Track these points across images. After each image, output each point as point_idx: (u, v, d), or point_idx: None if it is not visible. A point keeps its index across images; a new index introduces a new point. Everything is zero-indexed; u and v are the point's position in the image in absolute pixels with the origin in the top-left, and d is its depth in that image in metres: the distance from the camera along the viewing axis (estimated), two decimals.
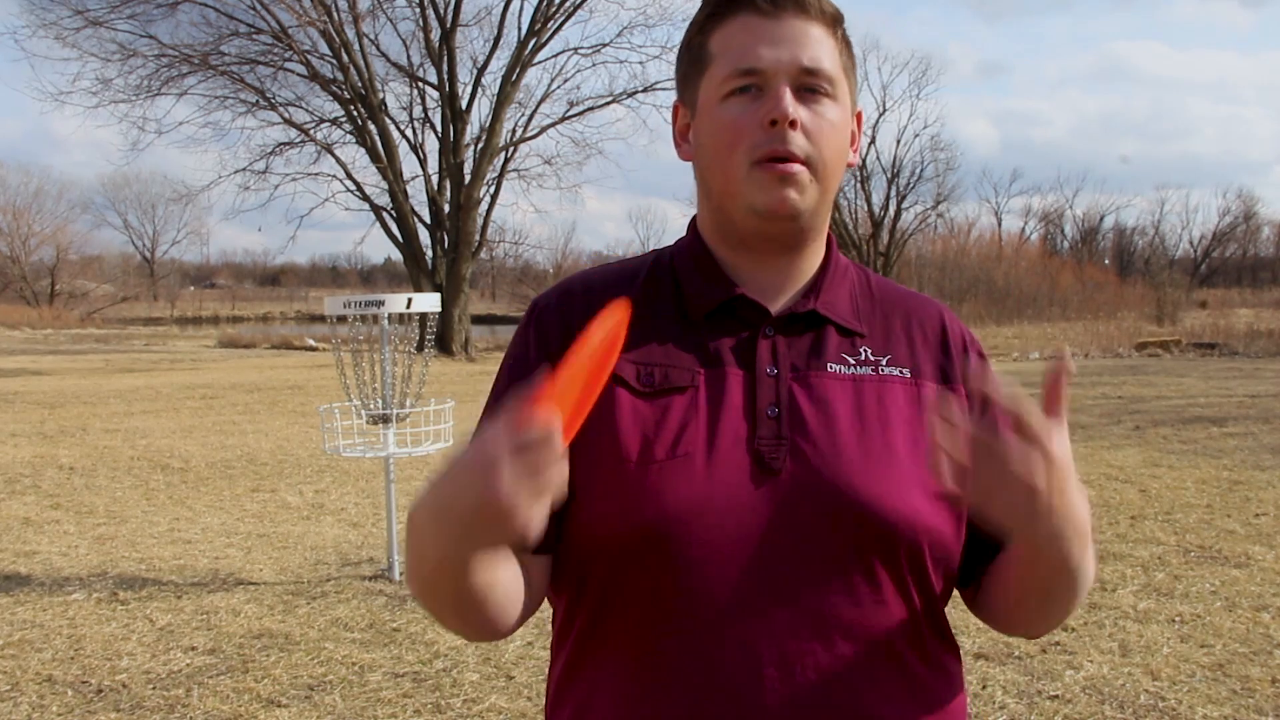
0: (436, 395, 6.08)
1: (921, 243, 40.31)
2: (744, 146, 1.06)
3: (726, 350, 1.10)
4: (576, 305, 1.14)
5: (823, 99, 1.08)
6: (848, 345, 1.13)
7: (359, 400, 5.36)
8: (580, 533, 1.08)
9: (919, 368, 1.13)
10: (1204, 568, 5.32)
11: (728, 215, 1.12)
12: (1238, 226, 64.73)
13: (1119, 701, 3.70)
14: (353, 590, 5.13)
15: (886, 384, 1.11)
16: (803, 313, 1.12)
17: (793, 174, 1.06)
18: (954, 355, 1.16)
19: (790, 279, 1.14)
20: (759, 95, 1.07)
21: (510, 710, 3.71)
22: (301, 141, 23.72)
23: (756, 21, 1.08)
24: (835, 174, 1.10)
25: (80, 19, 21.36)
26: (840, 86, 1.10)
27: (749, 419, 1.07)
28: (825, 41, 1.09)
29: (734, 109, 1.07)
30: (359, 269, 78.90)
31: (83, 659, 4.22)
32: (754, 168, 1.06)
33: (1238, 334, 22.53)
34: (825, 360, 1.11)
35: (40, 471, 8.39)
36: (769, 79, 1.06)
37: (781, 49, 1.06)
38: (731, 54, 1.08)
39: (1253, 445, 8.92)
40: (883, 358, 1.13)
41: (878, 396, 1.10)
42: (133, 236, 65.97)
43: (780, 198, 1.07)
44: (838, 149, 1.10)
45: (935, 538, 1.07)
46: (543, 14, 23.17)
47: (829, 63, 1.08)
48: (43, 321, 39.34)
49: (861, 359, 1.12)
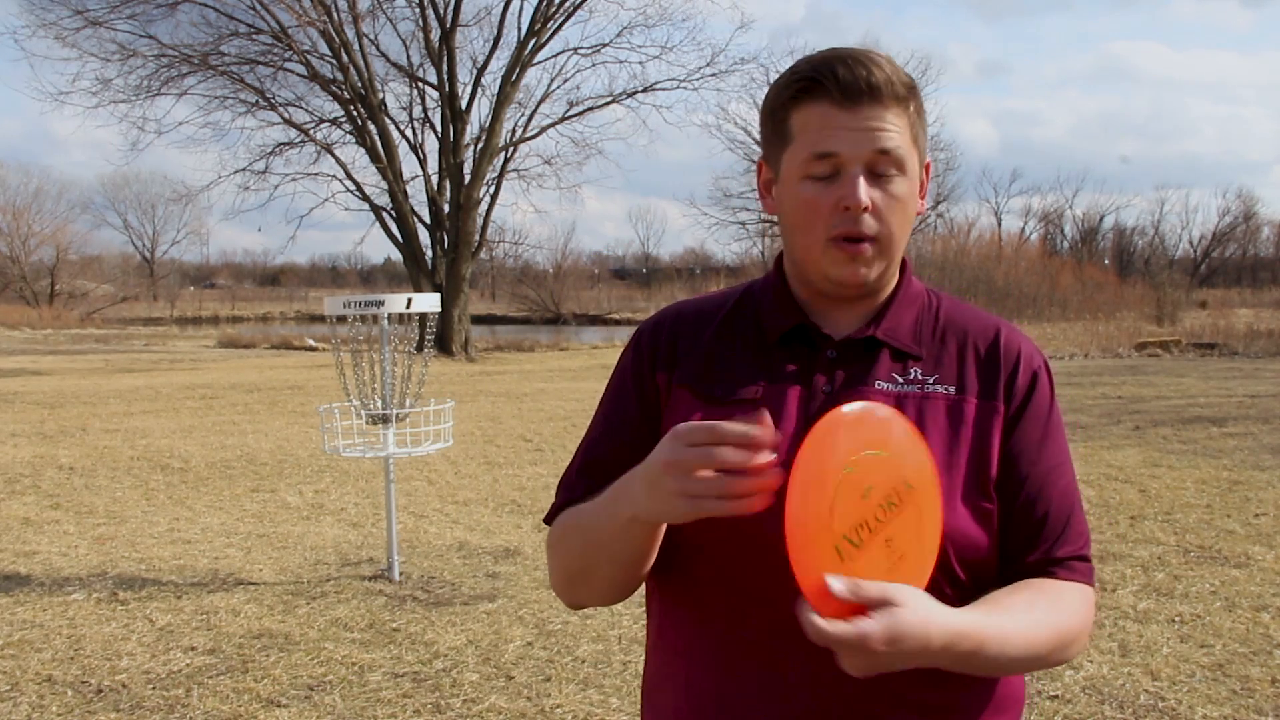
0: (436, 395, 6.08)
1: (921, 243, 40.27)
2: (822, 225, 1.21)
3: (789, 370, 1.25)
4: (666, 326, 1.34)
5: (894, 177, 1.21)
6: (899, 367, 1.26)
7: (359, 400, 5.36)
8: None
9: (965, 385, 1.25)
10: (1204, 568, 5.32)
11: (805, 273, 1.28)
12: (1237, 226, 64.68)
13: (1119, 701, 3.70)
14: (353, 590, 5.13)
15: (929, 400, 1.23)
16: (861, 338, 1.26)
17: (862, 252, 1.21)
18: (1001, 370, 1.27)
19: (860, 314, 1.29)
20: (834, 179, 1.20)
21: (510, 710, 3.71)
22: (301, 141, 23.72)
23: (834, 112, 1.19)
24: (902, 239, 1.24)
25: (80, 19, 21.35)
26: (909, 160, 1.22)
27: (800, 430, 1.17)
28: (897, 122, 1.20)
29: (813, 190, 1.21)
30: (359, 269, 78.91)
31: (82, 659, 4.22)
32: (830, 244, 1.21)
33: (1237, 334, 22.52)
34: (874, 378, 1.24)
35: (40, 471, 8.39)
36: (845, 164, 1.19)
37: (858, 136, 1.19)
38: (811, 138, 1.20)
39: (1253, 445, 8.92)
40: (930, 377, 1.25)
41: (918, 411, 1.21)
42: (132, 236, 66.02)
43: (851, 272, 1.22)
44: (905, 217, 1.23)
45: (960, 540, 1.17)
46: (542, 14, 23.17)
47: (899, 141, 1.20)
48: (43, 321, 39.32)
49: (910, 378, 1.25)
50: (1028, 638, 1.14)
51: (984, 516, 1.20)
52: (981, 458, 1.22)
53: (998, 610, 1.14)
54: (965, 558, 1.18)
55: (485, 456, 9.07)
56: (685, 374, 1.28)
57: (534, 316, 46.30)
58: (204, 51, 22.18)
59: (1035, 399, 1.26)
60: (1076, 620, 1.21)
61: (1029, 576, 1.21)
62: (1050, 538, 1.23)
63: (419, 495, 7.39)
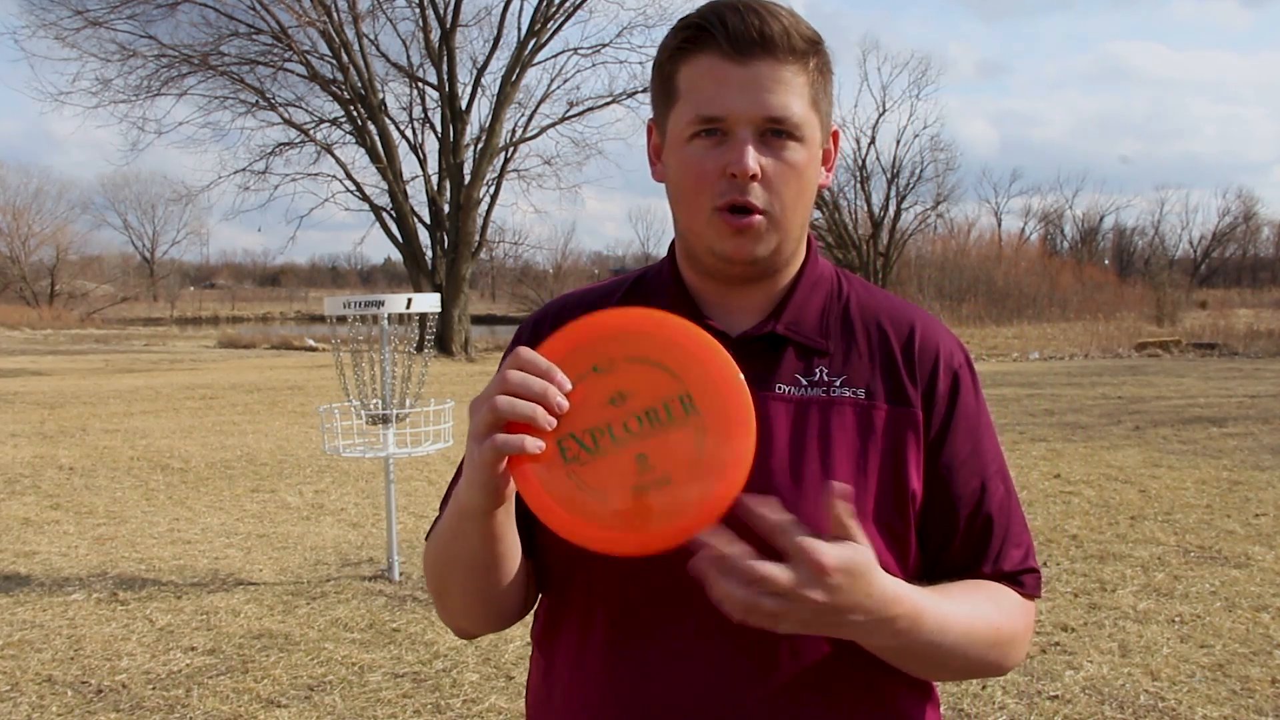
0: (436, 395, 6.08)
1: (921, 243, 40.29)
2: (707, 192, 1.08)
3: None
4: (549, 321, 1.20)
5: (788, 143, 1.08)
6: (802, 367, 1.13)
7: (359, 400, 5.36)
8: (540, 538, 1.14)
9: (874, 388, 1.12)
10: (1204, 568, 5.32)
11: (693, 248, 1.15)
12: (1237, 227, 64.69)
13: (1119, 702, 3.70)
14: (352, 590, 5.13)
15: (835, 406, 1.11)
16: (761, 335, 1.13)
17: (751, 225, 1.08)
18: (919, 373, 1.14)
19: (758, 302, 1.16)
20: (722, 141, 1.07)
21: (510, 710, 3.71)
22: (301, 142, 23.71)
23: (723, 65, 1.06)
24: (797, 213, 1.11)
25: (80, 19, 21.35)
26: (808, 125, 1.09)
27: None
28: (794, 81, 1.07)
29: (698, 152, 1.08)
30: (359, 269, 78.91)
31: (82, 659, 4.22)
32: (715, 215, 1.08)
33: (1237, 334, 22.53)
34: (774, 381, 1.11)
35: (40, 472, 8.39)
36: (732, 126, 1.07)
37: (747, 96, 1.06)
38: (697, 97, 1.07)
39: (1253, 445, 8.92)
40: (838, 378, 1.12)
41: (823, 419, 1.10)
42: (132, 237, 65.95)
43: (738, 245, 1.09)
44: (800, 190, 1.10)
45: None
46: (542, 14, 23.17)
47: (796, 106, 1.07)
48: (42, 322, 39.32)
49: (814, 380, 1.12)
50: (968, 625, 1.05)
51: (896, 539, 1.10)
52: (896, 472, 1.10)
53: (938, 591, 1.05)
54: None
55: None
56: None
57: None
58: (204, 51, 22.18)
59: (960, 405, 1.14)
60: (1018, 624, 1.12)
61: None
62: (992, 554, 1.14)
63: (419, 495, 7.39)
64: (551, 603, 1.19)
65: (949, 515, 1.13)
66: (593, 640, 1.12)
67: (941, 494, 1.13)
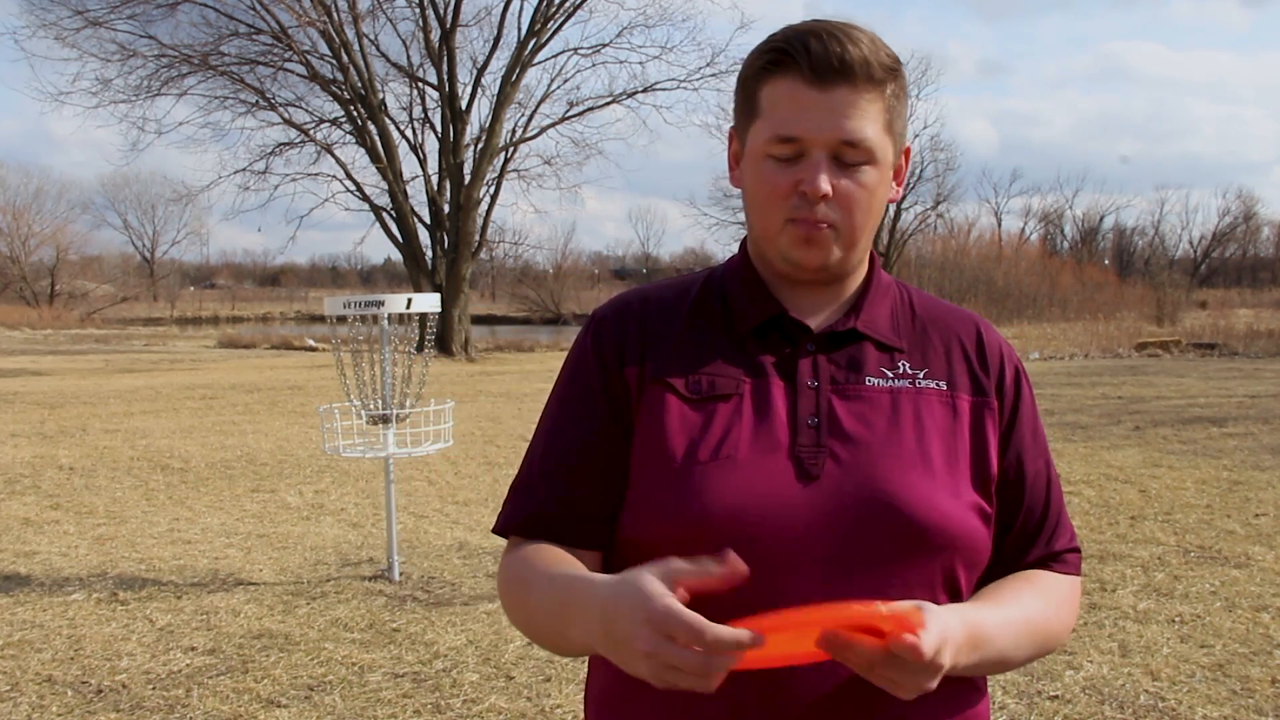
0: (436, 396, 6.08)
1: (921, 243, 40.30)
2: (780, 205, 1.14)
3: (770, 364, 1.18)
4: (633, 316, 1.23)
5: (862, 166, 1.13)
6: (886, 360, 1.20)
7: (359, 400, 5.36)
8: (627, 532, 1.15)
9: (955, 380, 1.20)
10: (1204, 568, 5.32)
11: (765, 253, 1.21)
12: (1237, 227, 64.67)
13: (1119, 702, 3.70)
14: (353, 590, 5.13)
15: (923, 396, 1.18)
16: (842, 330, 1.20)
17: (819, 235, 1.14)
18: (990, 368, 1.23)
19: (830, 301, 1.22)
20: (797, 160, 1.13)
21: (510, 710, 3.71)
22: (301, 142, 23.70)
23: (803, 90, 1.12)
24: (866, 228, 1.17)
25: (80, 19, 21.34)
26: (881, 149, 1.14)
27: (790, 427, 1.13)
28: (870, 109, 1.13)
29: (773, 169, 1.14)
30: (359, 269, 78.88)
31: (83, 659, 4.22)
32: (788, 225, 1.15)
33: (1237, 334, 22.53)
34: (864, 374, 1.18)
35: (40, 471, 8.39)
36: (808, 147, 1.12)
37: (823, 121, 1.11)
38: (776, 117, 1.13)
39: (1253, 445, 8.92)
40: (920, 371, 1.20)
41: (914, 407, 1.17)
42: (132, 237, 65.94)
43: (806, 254, 1.16)
44: (869, 208, 1.16)
45: (965, 542, 1.13)
46: (542, 14, 23.16)
47: (870, 131, 1.13)
48: (43, 322, 39.31)
49: (900, 372, 1.19)
50: (1023, 627, 1.14)
51: (986, 519, 1.17)
52: (981, 456, 1.18)
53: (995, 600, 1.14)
54: (970, 561, 1.15)
55: (485, 457, 9.08)
56: (659, 368, 1.18)
57: (534, 317, 46.30)
58: (204, 52, 22.17)
59: (1023, 397, 1.24)
60: (1064, 610, 1.21)
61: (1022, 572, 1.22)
62: (1047, 535, 1.23)
63: (419, 495, 7.39)
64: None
65: (1018, 497, 1.21)
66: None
67: (1015, 478, 1.21)
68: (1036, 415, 1.26)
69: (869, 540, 1.09)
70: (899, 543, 1.09)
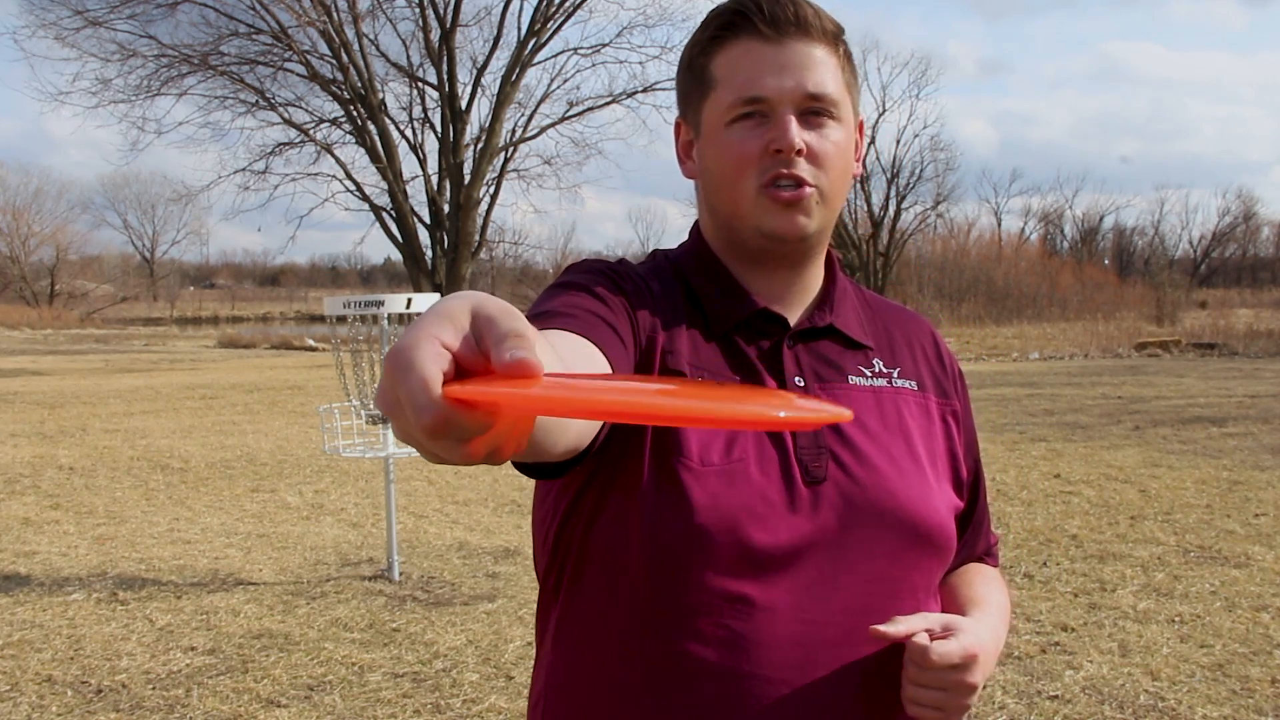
0: None
1: (921, 243, 40.29)
2: (752, 172, 1.08)
3: (755, 360, 1.13)
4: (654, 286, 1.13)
5: (827, 122, 1.09)
6: (862, 358, 1.17)
7: (359, 400, 5.36)
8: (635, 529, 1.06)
9: (923, 382, 1.20)
10: (1204, 568, 5.32)
11: (736, 234, 1.14)
12: (1237, 226, 64.66)
13: (1119, 702, 3.70)
14: (352, 590, 5.13)
15: (901, 396, 1.17)
16: (821, 326, 1.16)
17: (801, 197, 1.08)
18: (948, 370, 1.25)
19: (797, 290, 1.17)
20: (764, 121, 1.08)
21: (510, 710, 3.71)
22: (301, 141, 23.72)
23: (759, 46, 1.08)
24: (841, 193, 1.13)
25: (80, 19, 21.37)
26: (843, 106, 1.11)
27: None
28: (828, 62, 1.10)
29: (739, 134, 1.09)
30: (359, 269, 78.81)
31: (82, 659, 4.22)
32: (762, 193, 1.08)
33: (1237, 334, 22.51)
34: (846, 373, 1.15)
35: (40, 471, 8.39)
36: (774, 106, 1.08)
37: (786, 76, 1.08)
38: (735, 81, 1.09)
39: (1253, 445, 8.92)
40: (894, 370, 1.18)
41: (896, 407, 1.16)
42: (132, 236, 65.88)
43: (789, 221, 1.09)
44: (842, 169, 1.12)
45: (946, 545, 1.15)
46: (542, 14, 23.19)
47: (832, 85, 1.09)
48: (42, 321, 39.32)
49: (876, 371, 1.17)
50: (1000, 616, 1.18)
51: (957, 520, 1.19)
52: (953, 458, 1.20)
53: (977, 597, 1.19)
54: (946, 561, 1.17)
55: None
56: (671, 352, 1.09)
57: None
58: (204, 51, 22.20)
59: (966, 400, 1.27)
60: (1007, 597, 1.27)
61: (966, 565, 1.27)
62: (986, 531, 1.29)
63: (419, 495, 7.39)
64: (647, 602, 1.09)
65: (974, 498, 1.25)
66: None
67: (971, 479, 1.24)
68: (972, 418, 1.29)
69: (877, 544, 1.09)
70: (906, 546, 1.10)
